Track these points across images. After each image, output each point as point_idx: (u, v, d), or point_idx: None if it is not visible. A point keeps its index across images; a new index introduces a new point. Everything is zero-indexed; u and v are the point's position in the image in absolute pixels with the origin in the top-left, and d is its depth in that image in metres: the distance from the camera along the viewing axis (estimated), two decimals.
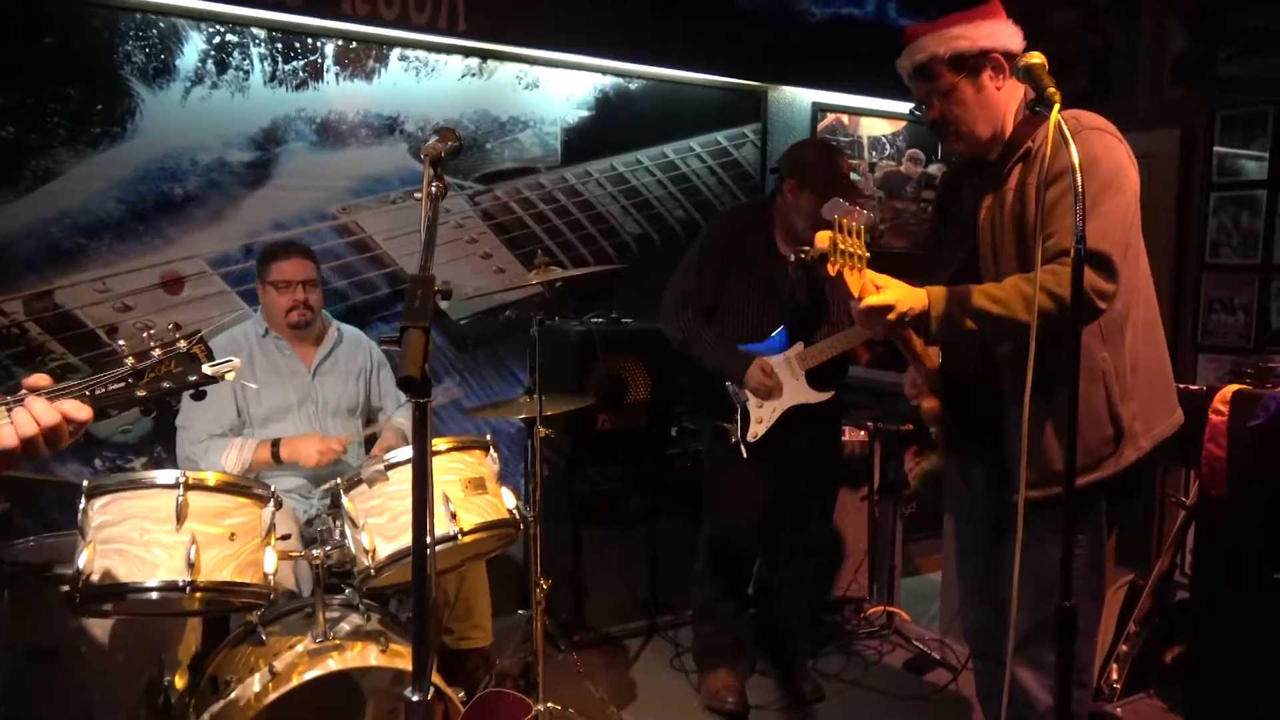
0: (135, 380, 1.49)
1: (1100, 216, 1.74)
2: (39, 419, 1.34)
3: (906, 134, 4.68)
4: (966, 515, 2.17)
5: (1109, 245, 1.73)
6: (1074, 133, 1.78)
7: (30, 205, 2.86)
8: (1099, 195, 1.75)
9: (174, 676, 2.25)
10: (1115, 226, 1.76)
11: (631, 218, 3.96)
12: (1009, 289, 1.77)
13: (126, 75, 2.96)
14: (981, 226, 1.92)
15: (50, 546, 2.37)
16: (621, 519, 3.48)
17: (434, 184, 1.45)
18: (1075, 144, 1.66)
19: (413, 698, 1.24)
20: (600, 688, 2.89)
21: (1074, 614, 1.62)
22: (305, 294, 2.75)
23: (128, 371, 1.48)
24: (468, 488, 2.22)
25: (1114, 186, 1.77)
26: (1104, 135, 1.81)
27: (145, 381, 1.49)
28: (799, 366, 2.83)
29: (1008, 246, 1.87)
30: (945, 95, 1.92)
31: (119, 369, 1.48)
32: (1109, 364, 1.83)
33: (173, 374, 1.52)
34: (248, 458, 2.62)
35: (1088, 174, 1.74)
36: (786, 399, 2.82)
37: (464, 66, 3.52)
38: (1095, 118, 1.84)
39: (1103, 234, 1.73)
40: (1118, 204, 1.77)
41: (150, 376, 1.50)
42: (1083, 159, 1.75)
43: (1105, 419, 1.84)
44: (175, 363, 1.52)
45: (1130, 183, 1.81)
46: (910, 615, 3.67)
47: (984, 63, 1.88)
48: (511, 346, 3.74)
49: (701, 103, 4.08)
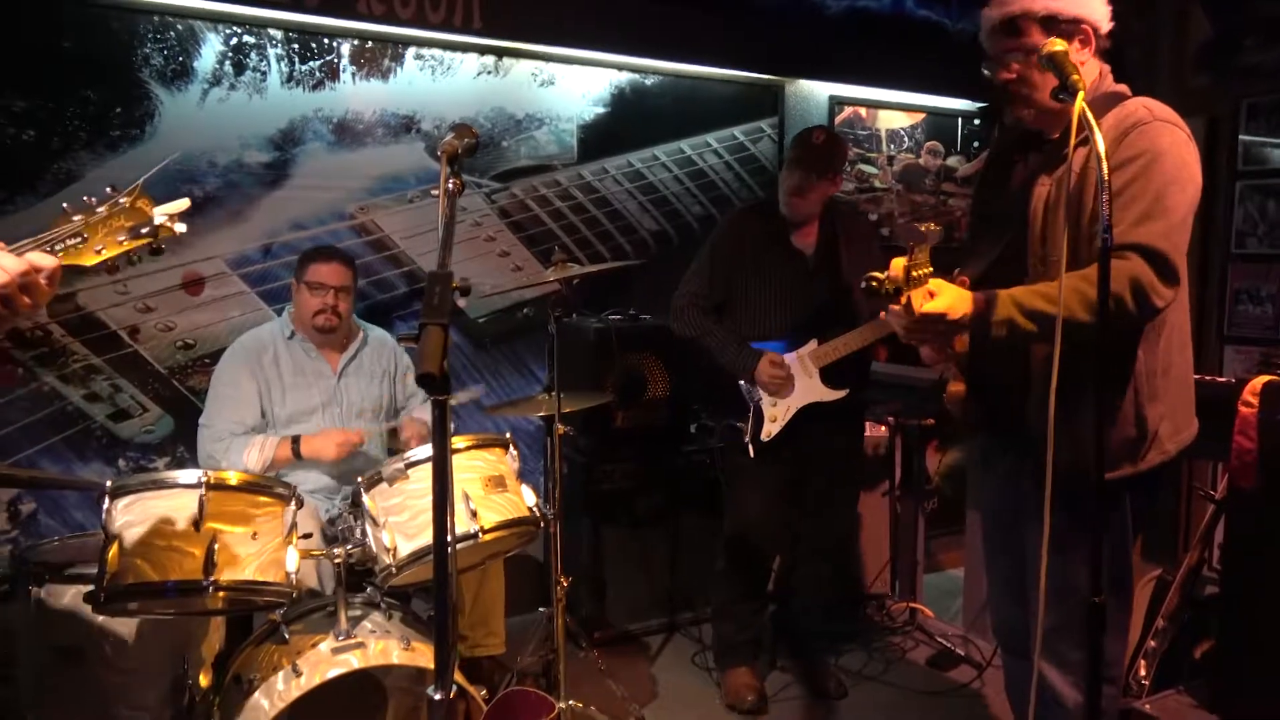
0: (89, 236, 1.54)
1: (1164, 215, 1.67)
2: (7, 269, 1.39)
3: (925, 126, 4.64)
4: (991, 507, 2.14)
5: (1170, 246, 1.66)
6: (1143, 122, 1.73)
7: (52, 208, 2.87)
8: (1163, 191, 1.68)
9: (198, 675, 2.26)
10: (1178, 227, 1.69)
11: (649, 214, 3.95)
12: (1066, 289, 1.66)
13: (145, 78, 2.98)
14: (1034, 207, 1.83)
15: (75, 546, 2.40)
16: (640, 516, 3.47)
17: (451, 180, 1.45)
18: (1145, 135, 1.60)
19: (435, 696, 1.23)
20: (621, 685, 2.88)
21: (1103, 610, 1.60)
22: (336, 300, 2.76)
23: (79, 226, 1.54)
24: (488, 485, 2.22)
25: (1179, 184, 1.70)
26: (1174, 130, 1.74)
27: (100, 236, 1.55)
28: (813, 364, 2.81)
29: (1060, 231, 1.76)
30: (1028, 55, 1.78)
31: (70, 224, 1.54)
32: (1142, 364, 1.78)
33: (125, 227, 1.57)
34: (269, 455, 2.64)
35: (1153, 167, 1.69)
36: (801, 397, 2.80)
37: (480, 65, 3.52)
38: (1168, 110, 1.76)
39: (1165, 234, 1.66)
40: (1180, 203, 1.69)
41: (103, 232, 1.55)
42: (1149, 151, 1.69)
43: (1130, 419, 1.79)
44: (123, 217, 1.57)
45: (1195, 184, 1.74)
46: (933, 611, 3.64)
47: (1075, 31, 1.78)
48: (529, 344, 3.73)
49: (718, 98, 4.06)
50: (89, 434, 3.00)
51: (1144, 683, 2.75)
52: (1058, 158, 1.81)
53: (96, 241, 1.55)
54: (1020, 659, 2.05)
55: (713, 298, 2.91)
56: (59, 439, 2.96)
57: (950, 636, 3.44)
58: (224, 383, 2.74)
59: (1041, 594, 1.72)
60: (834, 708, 3.00)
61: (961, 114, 4.73)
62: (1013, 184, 1.94)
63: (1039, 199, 1.83)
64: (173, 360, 3.10)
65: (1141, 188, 1.69)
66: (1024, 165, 1.94)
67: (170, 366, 3.10)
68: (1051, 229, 1.80)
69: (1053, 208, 1.80)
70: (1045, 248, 1.81)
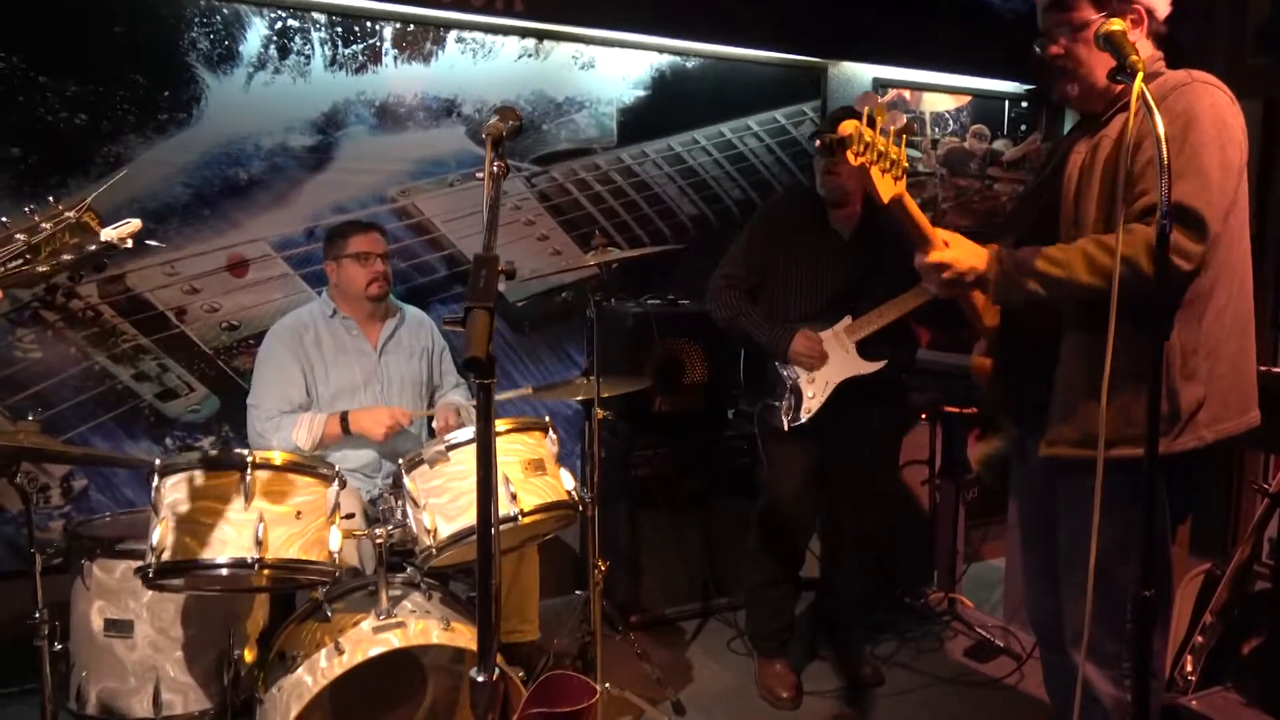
0: (33, 256, 1.47)
1: (1197, 174, 1.63)
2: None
3: (970, 109, 4.55)
4: (1025, 493, 2.11)
5: (1202, 203, 1.61)
6: (1182, 84, 1.69)
7: (102, 191, 2.93)
8: (1199, 150, 1.63)
9: (243, 650, 2.31)
10: (1213, 186, 1.63)
11: (688, 198, 3.92)
12: (1072, 250, 1.68)
13: (192, 62, 3.02)
14: (1069, 173, 1.80)
15: (125, 523, 2.46)
16: (677, 501, 3.47)
17: (495, 163, 1.45)
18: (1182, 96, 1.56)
19: (478, 678, 1.24)
20: (657, 669, 2.89)
21: (1152, 604, 1.56)
22: (384, 265, 2.82)
23: (21, 248, 1.47)
24: (528, 469, 2.23)
25: (1216, 144, 1.65)
26: (1214, 90, 1.70)
27: (44, 256, 1.48)
28: (848, 338, 2.79)
29: (1093, 196, 1.74)
30: (1075, 31, 1.77)
31: (11, 245, 1.47)
32: (1175, 338, 1.72)
33: (70, 245, 1.50)
34: (319, 431, 2.68)
35: (1189, 127, 1.64)
36: (838, 371, 2.78)
37: (520, 48, 3.51)
38: (1208, 75, 1.72)
39: (1196, 192, 1.62)
40: (1217, 162, 1.64)
41: (48, 251, 1.48)
42: (1187, 111, 1.65)
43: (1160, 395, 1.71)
44: (70, 234, 1.51)
45: (1236, 145, 1.68)
46: (972, 602, 3.60)
47: (1127, 9, 1.75)
48: (568, 328, 3.74)
49: (759, 80, 4.01)
50: (137, 412, 3.06)
51: (1190, 679, 2.70)
52: (1096, 124, 1.79)
53: (41, 263, 1.48)
54: (1056, 653, 2.02)
55: (749, 280, 2.90)
56: (109, 417, 3.03)
57: (990, 628, 3.41)
58: (268, 364, 2.78)
59: (1090, 584, 1.68)
60: (870, 695, 2.99)
61: (1008, 96, 4.63)
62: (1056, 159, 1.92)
63: (1074, 165, 1.80)
64: (218, 341, 3.15)
65: (1178, 147, 1.64)
66: (1068, 140, 1.91)
67: (215, 347, 3.15)
68: (1085, 194, 1.77)
69: (1087, 173, 1.77)
70: (1078, 212, 1.78)
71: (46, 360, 2.92)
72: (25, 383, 2.90)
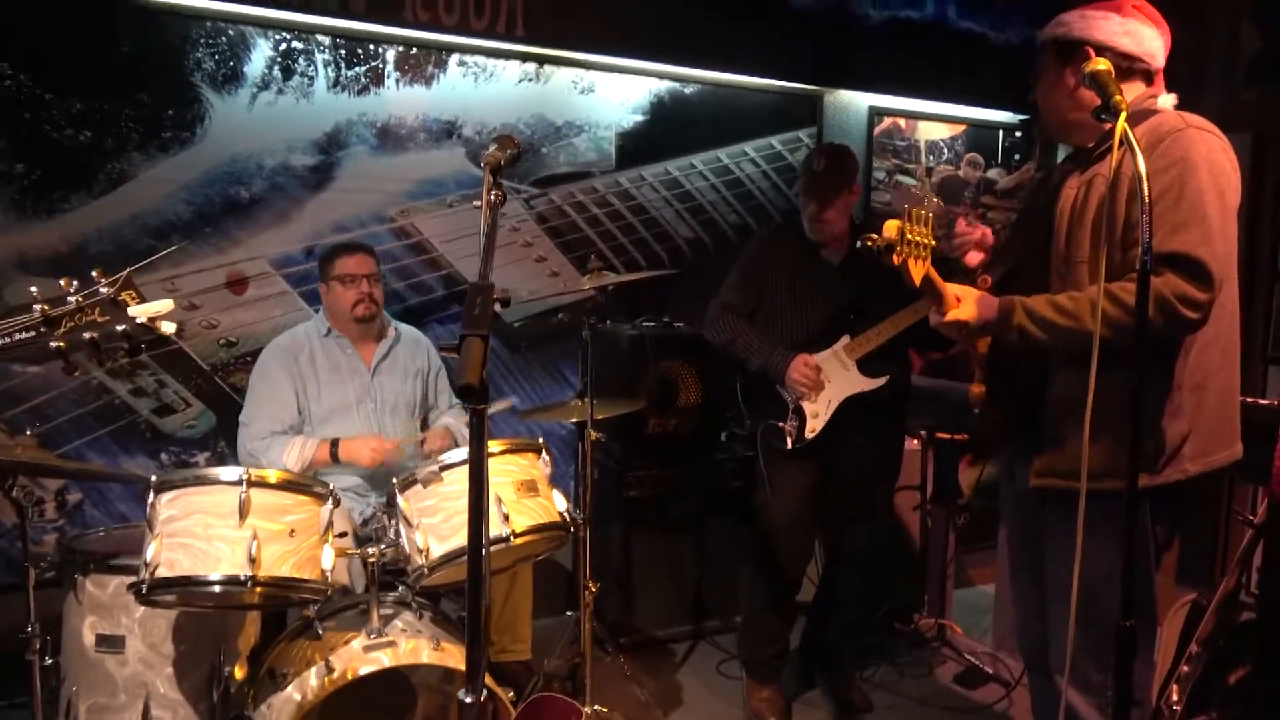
0: (48, 329, 1.36)
1: (1200, 222, 1.66)
2: None
3: (965, 138, 4.61)
4: (1011, 520, 2.13)
5: (1206, 252, 1.65)
6: (1177, 130, 1.73)
7: (105, 207, 2.97)
8: (1199, 198, 1.67)
9: (233, 667, 2.31)
10: (1215, 234, 1.67)
11: (684, 222, 3.96)
12: (1081, 300, 1.71)
13: (197, 82, 3.05)
14: (1061, 208, 1.84)
15: (119, 538, 2.46)
16: (670, 523, 3.48)
17: (493, 191, 1.47)
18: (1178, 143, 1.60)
19: (466, 699, 1.26)
20: (646, 691, 2.90)
21: (1133, 634, 1.58)
22: (370, 287, 2.83)
23: (37, 319, 1.36)
24: (520, 490, 2.25)
25: (1215, 192, 1.69)
26: (1209, 136, 1.74)
27: (63, 331, 1.37)
28: (848, 356, 2.82)
29: (1086, 235, 1.78)
30: (1038, 78, 1.89)
31: (26, 316, 1.36)
32: (1162, 373, 1.75)
33: (96, 322, 1.38)
34: (309, 455, 2.69)
35: (1187, 175, 1.68)
36: (841, 389, 2.80)
37: (521, 72, 3.56)
38: (1202, 120, 1.76)
39: (1201, 241, 1.65)
40: (1217, 210, 1.68)
41: (69, 325, 1.37)
42: (1183, 159, 1.69)
43: (1146, 431, 1.74)
44: (99, 310, 1.39)
45: (1233, 189, 1.73)
46: (962, 628, 3.61)
47: (1077, 55, 1.81)
48: (563, 349, 3.76)
49: (757, 107, 4.06)
50: (134, 427, 3.08)
51: (1176, 708, 2.71)
52: (1087, 162, 1.84)
53: (56, 338, 1.35)
54: (1044, 678, 2.03)
55: (746, 306, 2.95)
56: (105, 432, 3.04)
57: (979, 654, 3.42)
58: (262, 382, 2.80)
59: (1072, 613, 1.70)
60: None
61: (1003, 126, 4.68)
62: (1048, 191, 1.96)
63: (1066, 200, 1.84)
64: (215, 357, 3.17)
65: (1176, 196, 1.68)
66: (1060, 172, 1.96)
67: (213, 363, 3.17)
68: (1076, 231, 1.81)
69: (1079, 210, 1.81)
70: (1069, 249, 1.82)
71: (44, 374, 2.94)
72: (23, 396, 2.92)
